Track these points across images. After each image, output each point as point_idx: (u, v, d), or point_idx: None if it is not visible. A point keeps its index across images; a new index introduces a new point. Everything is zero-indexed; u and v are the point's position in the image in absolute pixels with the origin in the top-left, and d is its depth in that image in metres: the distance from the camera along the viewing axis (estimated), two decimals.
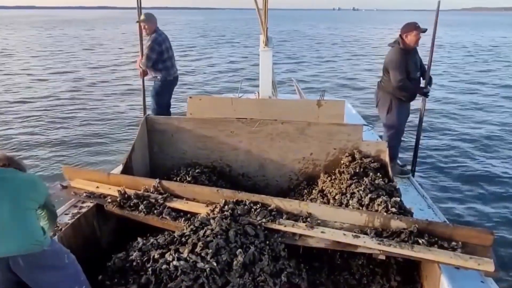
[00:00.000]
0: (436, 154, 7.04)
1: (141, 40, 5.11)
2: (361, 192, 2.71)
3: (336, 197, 2.84)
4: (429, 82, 4.35)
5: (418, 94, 4.35)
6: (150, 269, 2.15)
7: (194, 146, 3.59)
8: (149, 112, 5.41)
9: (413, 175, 4.38)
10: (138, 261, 2.24)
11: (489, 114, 10.00)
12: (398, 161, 4.55)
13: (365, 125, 4.32)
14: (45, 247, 1.94)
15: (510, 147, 7.53)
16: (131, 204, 2.67)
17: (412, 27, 4.13)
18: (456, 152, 7.20)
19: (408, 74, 4.18)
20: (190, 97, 4.07)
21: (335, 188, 2.97)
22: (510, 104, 11.12)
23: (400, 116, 4.37)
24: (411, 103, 4.46)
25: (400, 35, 4.21)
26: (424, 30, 4.14)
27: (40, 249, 1.92)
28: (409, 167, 4.46)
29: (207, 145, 3.57)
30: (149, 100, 5.48)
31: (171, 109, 5.73)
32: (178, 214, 2.59)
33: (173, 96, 5.61)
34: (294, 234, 2.36)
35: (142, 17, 5.18)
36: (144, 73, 5.34)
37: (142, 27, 5.23)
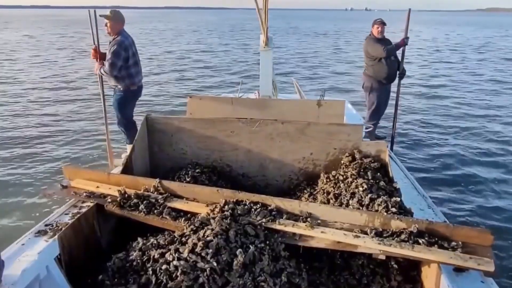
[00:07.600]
0: (434, 153, 7.04)
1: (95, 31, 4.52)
2: (361, 192, 2.71)
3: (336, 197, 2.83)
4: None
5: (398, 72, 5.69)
6: (150, 269, 2.15)
7: (194, 146, 3.59)
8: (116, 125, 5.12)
9: (391, 149, 5.34)
10: (138, 261, 2.24)
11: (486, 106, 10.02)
12: (376, 133, 6.29)
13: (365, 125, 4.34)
14: None
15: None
16: (131, 204, 2.67)
17: (374, 22, 5.92)
18: (455, 152, 7.19)
19: (388, 56, 5.64)
20: (190, 97, 4.08)
21: (335, 188, 2.97)
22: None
23: (380, 96, 5.70)
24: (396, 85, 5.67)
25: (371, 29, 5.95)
26: (380, 21, 5.80)
27: None
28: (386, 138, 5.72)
29: (207, 145, 3.57)
30: (112, 112, 5.01)
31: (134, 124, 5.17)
32: (178, 214, 2.58)
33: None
34: (294, 234, 2.36)
35: (108, 13, 4.59)
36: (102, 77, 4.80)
37: (105, 25, 4.64)
